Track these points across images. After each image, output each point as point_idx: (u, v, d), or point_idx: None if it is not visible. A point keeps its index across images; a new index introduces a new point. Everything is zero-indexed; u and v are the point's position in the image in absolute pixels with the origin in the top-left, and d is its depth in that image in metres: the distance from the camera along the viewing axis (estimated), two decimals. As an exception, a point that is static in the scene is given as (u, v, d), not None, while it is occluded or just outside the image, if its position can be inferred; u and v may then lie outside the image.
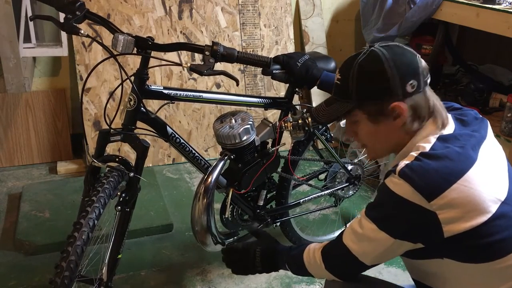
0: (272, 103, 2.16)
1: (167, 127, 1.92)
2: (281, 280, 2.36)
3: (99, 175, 1.76)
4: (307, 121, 2.02)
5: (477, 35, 3.66)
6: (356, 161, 2.49)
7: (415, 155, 1.29)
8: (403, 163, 1.28)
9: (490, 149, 1.36)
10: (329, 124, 2.22)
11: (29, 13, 2.92)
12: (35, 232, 2.55)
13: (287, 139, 2.23)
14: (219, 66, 3.09)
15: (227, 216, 2.16)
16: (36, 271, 2.36)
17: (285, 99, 2.19)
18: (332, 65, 2.16)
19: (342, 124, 2.42)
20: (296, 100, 2.21)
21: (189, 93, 1.91)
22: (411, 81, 1.32)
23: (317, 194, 2.43)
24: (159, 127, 1.91)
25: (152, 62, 1.81)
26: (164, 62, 1.75)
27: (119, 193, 1.78)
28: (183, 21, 3.36)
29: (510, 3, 2.89)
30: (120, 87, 1.73)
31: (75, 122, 3.49)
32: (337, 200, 2.54)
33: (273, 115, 3.59)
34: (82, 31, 1.64)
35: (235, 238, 2.22)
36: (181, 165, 3.44)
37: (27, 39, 3.01)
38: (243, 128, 1.97)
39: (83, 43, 3.15)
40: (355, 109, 1.38)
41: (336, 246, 1.44)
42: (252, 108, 2.94)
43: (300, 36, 3.87)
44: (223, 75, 1.71)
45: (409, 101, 1.33)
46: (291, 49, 3.68)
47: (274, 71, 2.01)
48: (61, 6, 1.72)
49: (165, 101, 1.89)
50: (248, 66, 3.54)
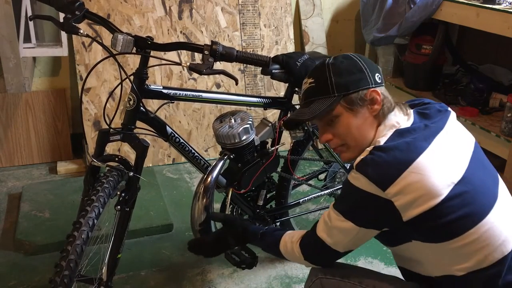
0: (271, 102, 2.16)
1: (167, 127, 1.92)
2: (281, 280, 2.36)
3: (99, 174, 1.76)
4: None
5: (477, 35, 3.66)
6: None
7: (369, 149, 1.41)
8: (359, 158, 1.41)
9: (448, 137, 1.46)
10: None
11: (29, 13, 2.92)
12: (35, 232, 2.55)
13: (286, 139, 2.24)
14: (219, 65, 3.11)
15: (226, 215, 2.16)
16: (36, 271, 2.36)
17: (284, 99, 2.19)
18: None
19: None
20: (295, 99, 2.21)
21: (189, 93, 1.92)
22: (376, 74, 1.49)
23: (317, 194, 2.43)
24: (159, 127, 1.91)
25: (151, 62, 1.81)
26: (163, 61, 1.75)
27: (118, 193, 1.78)
28: (183, 21, 3.36)
29: (510, 3, 2.89)
30: (119, 86, 1.73)
31: (75, 122, 3.50)
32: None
33: (273, 115, 3.59)
34: (81, 31, 1.64)
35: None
36: (181, 165, 3.44)
37: (27, 39, 3.01)
38: (242, 127, 1.97)
39: (83, 43, 3.15)
40: (339, 100, 1.48)
41: (311, 238, 1.56)
42: (251, 107, 2.94)
43: (300, 36, 3.87)
44: (222, 75, 1.71)
45: (380, 89, 1.48)
46: (291, 49, 3.68)
47: (273, 71, 2.02)
48: (60, 6, 1.73)
49: (165, 101, 1.89)
50: (248, 66, 3.54)
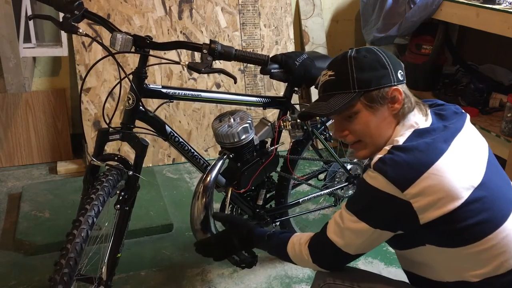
0: (271, 102, 2.16)
1: (166, 126, 1.92)
2: (281, 280, 2.36)
3: (99, 174, 1.76)
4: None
5: (477, 35, 3.66)
6: (355, 160, 2.49)
7: (388, 148, 1.36)
8: (377, 157, 1.35)
9: (466, 140, 1.42)
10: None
11: (29, 13, 2.92)
12: (35, 232, 2.55)
13: (286, 139, 2.24)
14: (218, 65, 3.11)
15: (226, 215, 2.16)
16: (36, 271, 2.36)
17: (284, 98, 2.20)
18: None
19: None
20: (295, 99, 2.22)
21: (188, 92, 1.92)
22: (399, 70, 1.43)
23: (317, 193, 2.42)
24: (158, 126, 1.91)
25: (151, 61, 1.81)
26: (162, 60, 1.75)
27: (118, 192, 1.79)
28: (183, 21, 3.36)
29: (510, 3, 2.89)
30: (118, 86, 1.73)
31: (75, 122, 3.50)
32: (337, 199, 2.54)
33: (273, 114, 3.59)
34: (80, 30, 1.65)
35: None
36: (181, 165, 3.44)
37: (27, 39, 3.02)
38: (241, 127, 1.97)
39: (83, 43, 3.15)
40: (360, 96, 1.41)
41: (321, 240, 1.50)
42: (251, 107, 2.94)
43: (300, 36, 3.87)
44: (221, 74, 1.71)
45: (402, 87, 1.42)
46: (291, 49, 3.68)
47: (272, 70, 2.02)
48: (60, 5, 1.73)
49: (164, 100, 1.89)
50: (248, 66, 3.55)
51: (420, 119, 1.43)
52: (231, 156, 2.02)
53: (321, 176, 2.51)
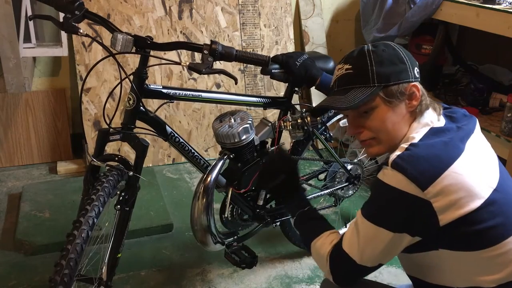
0: (271, 102, 2.16)
1: (166, 127, 1.92)
2: (281, 280, 2.36)
3: (99, 174, 1.76)
4: (306, 120, 2.03)
5: (477, 35, 3.66)
6: (355, 160, 2.49)
7: (405, 146, 1.32)
8: (394, 155, 1.30)
9: (478, 142, 1.40)
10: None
11: (29, 13, 2.92)
12: (35, 232, 2.55)
13: (286, 139, 2.24)
14: (218, 65, 3.11)
15: (226, 215, 2.16)
16: (36, 271, 2.36)
17: (284, 99, 2.19)
18: (331, 64, 2.16)
19: (341, 124, 2.42)
20: (295, 99, 2.21)
21: (188, 93, 1.92)
22: (415, 67, 1.41)
23: (317, 193, 2.42)
24: (158, 126, 1.91)
25: (151, 61, 1.81)
26: (163, 61, 1.75)
27: (118, 192, 1.79)
28: (183, 21, 3.36)
29: (510, 3, 2.89)
30: (119, 86, 1.73)
31: (75, 122, 3.50)
32: (337, 200, 2.54)
33: (273, 115, 3.59)
34: (81, 30, 1.64)
35: (235, 237, 2.22)
36: (181, 165, 3.44)
37: (27, 39, 3.02)
38: (242, 127, 1.97)
39: (83, 43, 3.15)
40: (377, 92, 1.38)
41: (338, 253, 1.43)
42: (251, 107, 2.94)
43: (300, 36, 3.87)
44: (222, 74, 1.71)
45: (419, 84, 1.41)
46: (291, 49, 3.68)
47: (273, 71, 2.02)
48: (60, 5, 1.73)
49: (165, 100, 1.89)
50: (248, 66, 3.54)
51: (435, 118, 1.41)
52: (231, 156, 2.02)
53: (321, 176, 2.51)
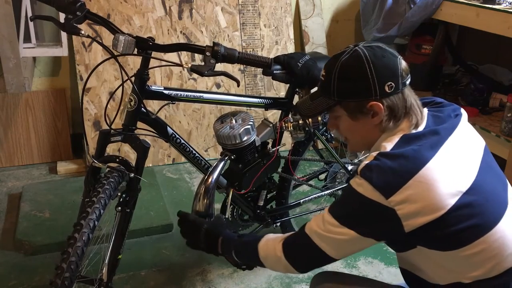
0: (272, 103, 2.16)
1: (168, 128, 1.92)
2: (281, 280, 2.36)
3: (100, 175, 1.76)
4: (308, 121, 2.03)
5: (477, 35, 3.66)
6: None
7: (374, 155, 1.36)
8: (363, 163, 1.35)
9: (457, 142, 1.41)
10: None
11: (29, 13, 2.92)
12: (35, 232, 2.55)
13: (287, 140, 2.24)
14: (219, 66, 3.10)
15: (227, 216, 2.16)
16: (36, 271, 2.36)
17: (285, 99, 2.19)
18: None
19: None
20: (296, 100, 2.21)
21: (190, 94, 1.91)
22: (388, 82, 1.38)
23: (317, 194, 2.43)
24: (160, 128, 1.91)
25: (152, 62, 1.81)
26: (164, 62, 1.75)
27: (119, 194, 1.78)
28: (183, 21, 3.36)
29: (510, 3, 2.89)
30: (120, 87, 1.73)
31: (75, 122, 3.50)
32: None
33: (274, 115, 3.59)
34: (82, 32, 1.64)
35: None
36: (181, 165, 3.44)
37: (27, 39, 3.01)
38: (243, 128, 1.97)
39: (83, 43, 3.15)
40: (336, 105, 1.44)
41: (298, 237, 1.49)
42: (252, 108, 2.94)
43: (300, 36, 3.87)
44: (224, 76, 1.71)
45: (386, 101, 1.39)
46: (291, 49, 3.68)
47: (274, 72, 2.01)
48: (61, 6, 1.72)
49: (166, 102, 1.89)
50: (248, 66, 3.54)
51: (408, 127, 1.42)
52: (232, 157, 2.02)
53: (322, 176, 2.51)
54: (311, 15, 3.85)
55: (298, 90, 2.17)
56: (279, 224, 2.37)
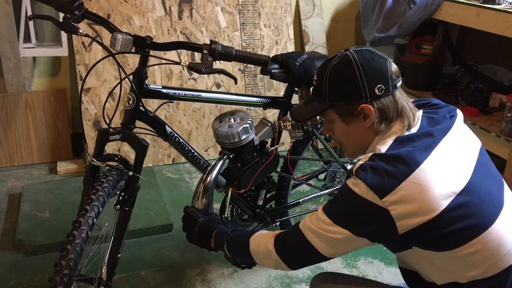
0: (271, 102, 2.16)
1: (166, 127, 1.93)
2: (281, 280, 2.36)
3: (99, 174, 1.76)
4: (306, 121, 2.03)
5: (477, 35, 3.66)
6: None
7: (369, 156, 1.38)
8: (358, 164, 1.37)
9: (452, 143, 1.41)
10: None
11: (29, 13, 2.92)
12: (35, 232, 2.55)
13: (286, 139, 2.24)
14: (218, 65, 3.11)
15: (226, 215, 2.16)
16: (36, 271, 2.36)
17: (284, 99, 2.20)
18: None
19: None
20: (295, 99, 2.22)
21: (188, 93, 1.92)
22: (378, 85, 1.40)
23: (317, 193, 2.43)
24: (158, 126, 1.91)
25: (151, 61, 1.81)
26: (163, 61, 1.75)
27: (118, 192, 1.79)
28: (183, 21, 3.36)
29: (510, 3, 2.89)
30: (119, 86, 1.73)
31: (75, 122, 3.50)
32: (336, 199, 2.54)
33: (273, 115, 3.59)
34: (80, 30, 1.65)
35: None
36: (181, 165, 3.44)
37: (27, 39, 3.01)
38: (242, 127, 1.97)
39: (83, 43, 3.15)
40: (328, 109, 1.47)
41: (292, 233, 1.51)
42: (251, 107, 2.94)
43: (300, 36, 3.87)
44: (221, 74, 1.71)
45: (377, 103, 1.41)
46: (291, 49, 3.68)
47: (273, 71, 2.02)
48: (60, 5, 1.73)
49: (164, 100, 1.89)
50: (248, 66, 3.55)
51: (400, 130, 1.43)
52: (231, 156, 2.02)
53: (321, 176, 2.51)
54: (311, 15, 3.85)
55: (296, 89, 2.17)
56: (278, 223, 2.37)
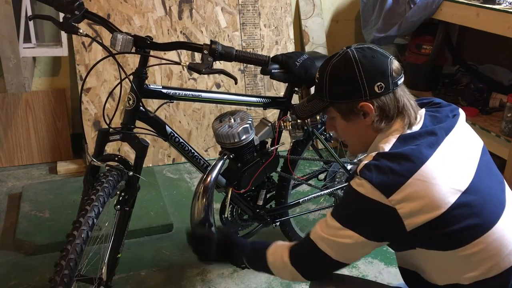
0: (271, 102, 2.16)
1: (166, 127, 1.92)
2: (281, 280, 2.36)
3: (99, 174, 1.76)
4: (306, 121, 2.03)
5: (477, 35, 3.66)
6: (355, 160, 2.49)
7: (373, 155, 1.37)
8: (362, 164, 1.36)
9: (455, 142, 1.41)
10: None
11: (29, 13, 2.92)
12: (35, 232, 2.55)
13: (286, 139, 2.24)
14: (218, 65, 3.11)
15: (226, 215, 2.16)
16: (36, 271, 2.36)
17: (284, 99, 2.20)
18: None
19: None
20: (295, 99, 2.22)
21: (188, 93, 1.92)
22: (378, 83, 1.39)
23: (317, 193, 2.42)
24: (158, 127, 1.91)
25: (151, 61, 1.81)
26: (163, 61, 1.75)
27: (118, 192, 1.79)
28: (183, 21, 3.36)
29: (510, 3, 2.89)
30: (119, 86, 1.73)
31: (75, 122, 3.50)
32: (337, 199, 2.54)
33: (273, 115, 3.59)
34: (81, 30, 1.65)
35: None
36: (181, 165, 3.44)
37: (27, 39, 3.01)
38: (242, 127, 1.97)
39: (83, 43, 3.15)
40: (329, 106, 1.47)
41: (304, 243, 1.49)
42: (251, 107, 2.94)
43: (300, 36, 3.87)
44: (222, 74, 1.71)
45: (376, 101, 1.40)
46: (291, 49, 3.68)
47: (273, 71, 2.02)
48: (60, 5, 1.73)
49: (164, 100, 1.89)
50: (248, 66, 3.54)
51: (401, 127, 1.43)
52: (231, 156, 2.02)
53: (321, 176, 2.51)
54: (311, 15, 3.85)
55: (296, 89, 2.17)
56: (278, 223, 2.37)
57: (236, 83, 1.72)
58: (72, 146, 3.45)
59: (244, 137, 1.99)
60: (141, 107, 1.80)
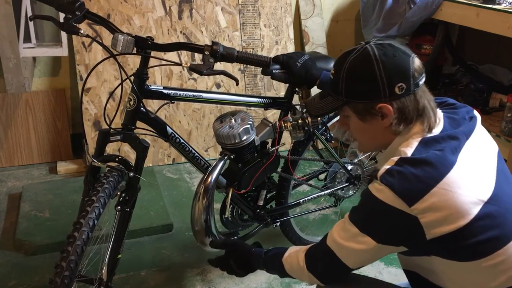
0: (272, 103, 2.16)
1: (167, 127, 1.92)
2: (281, 280, 2.36)
3: (99, 175, 1.76)
4: (307, 121, 2.03)
5: (477, 35, 3.66)
6: (356, 161, 2.49)
7: (395, 160, 1.29)
8: (384, 169, 1.29)
9: (474, 148, 1.35)
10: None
11: (29, 13, 2.92)
12: (35, 232, 2.55)
13: (287, 139, 2.24)
14: (219, 66, 3.10)
15: (227, 216, 2.16)
16: (36, 271, 2.36)
17: (285, 99, 2.19)
18: (331, 64, 2.15)
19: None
20: (296, 100, 2.21)
21: (189, 93, 1.91)
22: (399, 84, 1.31)
23: (317, 194, 2.42)
24: (159, 127, 1.91)
25: (152, 62, 1.81)
26: (163, 62, 1.75)
27: (119, 193, 1.78)
28: (183, 21, 3.36)
29: (510, 3, 2.89)
30: (120, 87, 1.73)
31: (75, 122, 3.50)
32: (337, 200, 2.54)
33: (273, 115, 3.59)
34: (81, 31, 1.64)
35: (235, 238, 2.22)
36: (181, 165, 3.44)
37: (27, 39, 3.01)
38: (242, 128, 1.97)
39: (83, 43, 3.15)
40: (345, 105, 1.40)
41: (319, 248, 1.46)
42: (252, 108, 2.94)
43: (300, 36, 3.87)
44: (223, 75, 1.71)
45: (396, 103, 1.33)
46: (291, 49, 3.68)
47: (274, 71, 2.01)
48: (60, 6, 1.72)
49: (165, 101, 1.89)
50: (248, 66, 3.54)
51: (421, 130, 1.36)
52: (232, 156, 2.02)
53: (322, 176, 2.51)
54: (311, 15, 3.85)
55: (297, 89, 2.17)
56: (278, 224, 2.37)
57: (237, 84, 1.71)
58: (72, 146, 3.45)
59: (245, 137, 1.98)
60: (142, 108, 1.80)
